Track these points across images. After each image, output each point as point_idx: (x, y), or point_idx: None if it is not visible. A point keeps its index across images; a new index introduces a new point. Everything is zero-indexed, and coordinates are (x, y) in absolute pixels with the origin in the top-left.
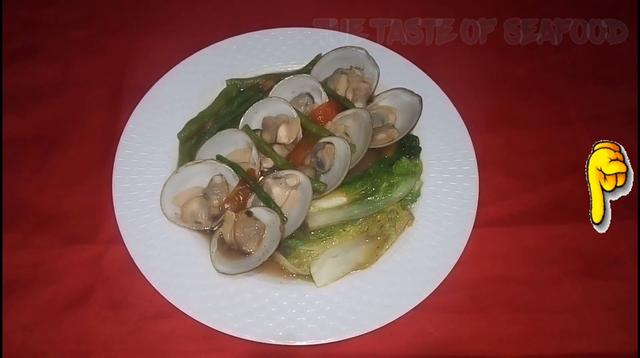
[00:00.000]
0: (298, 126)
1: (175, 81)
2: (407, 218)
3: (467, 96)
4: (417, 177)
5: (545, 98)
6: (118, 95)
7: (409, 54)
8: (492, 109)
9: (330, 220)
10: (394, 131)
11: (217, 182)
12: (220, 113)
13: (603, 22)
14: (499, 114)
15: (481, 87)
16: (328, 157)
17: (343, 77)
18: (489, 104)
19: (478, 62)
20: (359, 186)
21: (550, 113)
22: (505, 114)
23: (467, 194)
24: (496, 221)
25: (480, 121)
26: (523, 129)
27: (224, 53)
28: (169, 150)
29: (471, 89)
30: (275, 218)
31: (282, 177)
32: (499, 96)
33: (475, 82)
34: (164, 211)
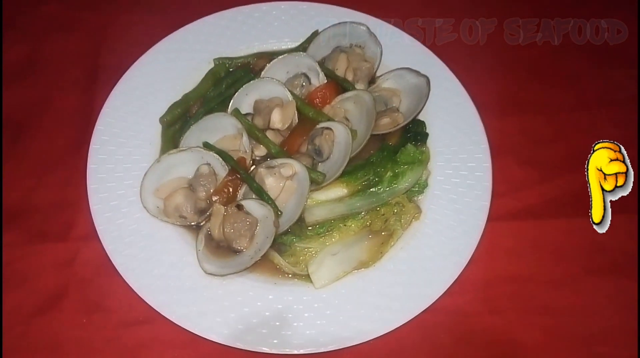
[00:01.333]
0: (293, 109)
1: (157, 60)
2: (414, 212)
3: (477, 77)
4: (424, 166)
5: (560, 80)
6: (94, 76)
7: (414, 32)
8: (504, 92)
9: (330, 214)
10: (398, 116)
11: (204, 172)
12: (207, 96)
13: (603, 22)
14: (512, 98)
15: (492, 68)
16: (327, 144)
17: (342, 56)
18: (501, 87)
19: (488, 41)
20: (360, 176)
21: (566, 97)
22: (518, 98)
23: (480, 184)
24: (511, 215)
25: (491, 105)
26: (538, 114)
27: (211, 29)
28: (150, 136)
29: (482, 70)
30: (268, 211)
31: (275, 166)
32: (511, 78)
33: (486, 63)
34: (145, 204)
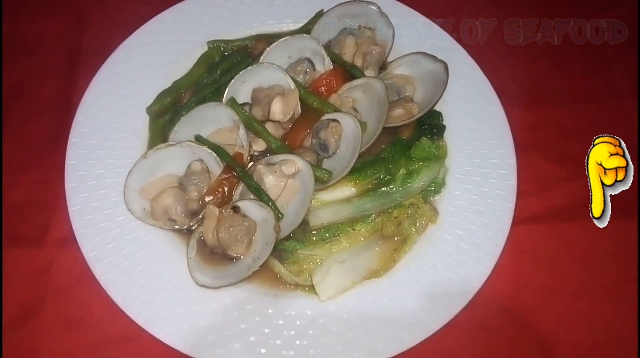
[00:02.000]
0: (296, 99)
1: (144, 42)
2: (430, 214)
3: (499, 63)
4: (441, 162)
5: (589, 67)
6: (74, 60)
7: (430, 11)
8: (528, 80)
9: (336, 217)
10: (413, 106)
11: (196, 169)
12: (200, 83)
13: (603, 22)
14: (536, 86)
15: (515, 53)
16: (333, 138)
17: (350, 38)
18: (525, 74)
19: (510, 24)
20: (370, 173)
21: (596, 85)
22: (544, 86)
23: (503, 184)
24: (538, 217)
25: (514, 94)
26: (565, 104)
27: (204, 8)
28: (137, 128)
29: (503, 55)
30: (268, 214)
31: (276, 163)
32: (535, 64)
33: (508, 48)
34: (129, 206)
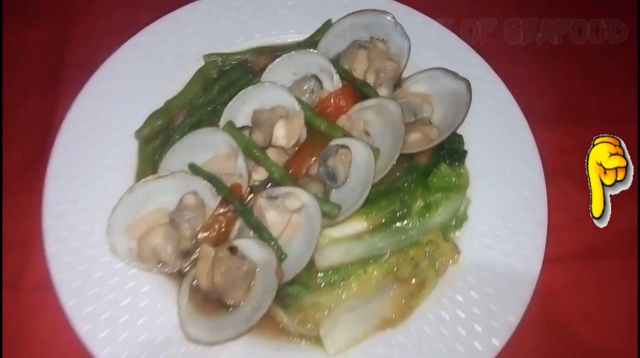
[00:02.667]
0: (301, 122)
1: (134, 56)
2: (451, 253)
3: (524, 78)
4: (463, 193)
5: (621, 83)
6: (58, 75)
7: (447, 21)
8: (557, 97)
9: (346, 257)
10: (431, 130)
11: (190, 203)
12: (195, 103)
13: (603, 22)
14: (564, 104)
15: (542, 67)
16: (342, 166)
17: (362, 53)
18: (554, 90)
19: (537, 32)
20: (383, 206)
21: (630, 103)
22: (572, 104)
23: (533, 218)
24: (571, 255)
25: (542, 113)
26: (597, 125)
27: (200, 18)
28: (124, 154)
29: (529, 69)
30: (269, 255)
31: (279, 197)
32: (565, 79)
33: (535, 60)
34: (114, 246)
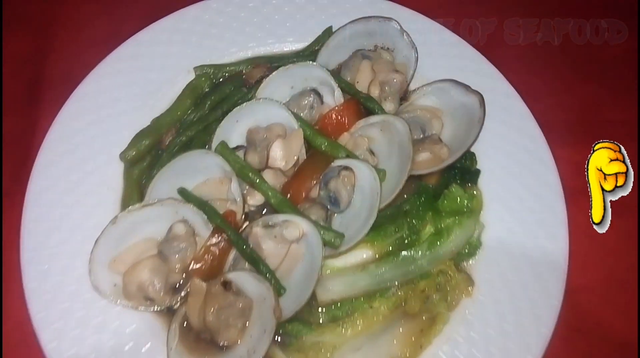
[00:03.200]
0: (300, 141)
1: (119, 69)
2: (464, 285)
3: (541, 90)
4: (476, 217)
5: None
6: (37, 90)
7: (457, 27)
8: (577, 110)
9: (350, 289)
10: (442, 149)
11: (179, 232)
12: (185, 120)
13: (603, 22)
14: (588, 118)
15: (560, 77)
16: (345, 189)
17: (365, 64)
18: (573, 102)
19: (553, 40)
20: (390, 232)
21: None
22: (593, 117)
23: (554, 245)
24: (594, 285)
25: (560, 128)
26: (624, 140)
27: (191, 26)
28: (109, 178)
29: (546, 81)
30: (267, 291)
31: (276, 225)
32: (585, 91)
33: (552, 70)
34: (97, 283)
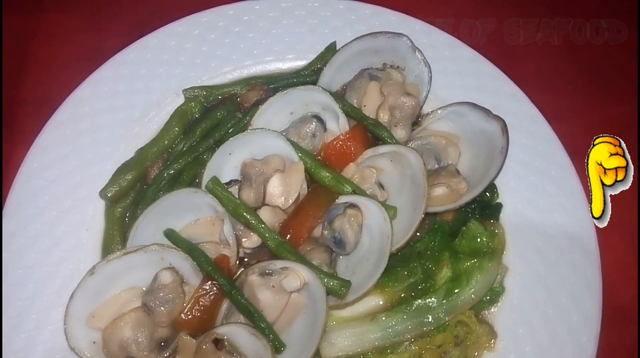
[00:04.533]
0: (301, 175)
1: (100, 92)
2: (487, 338)
3: (566, 109)
4: (499, 259)
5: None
6: (10, 116)
7: (474, 41)
8: (604, 131)
9: (358, 344)
10: (460, 183)
11: (166, 281)
12: (174, 151)
13: (603, 22)
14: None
15: (586, 96)
16: (352, 229)
17: (373, 86)
18: (599, 123)
19: (577, 54)
20: (402, 277)
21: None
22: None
23: (586, 291)
24: (629, 328)
25: (585, 150)
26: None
27: (179, 43)
28: (87, 218)
29: (570, 99)
30: (263, 349)
31: (274, 273)
32: (613, 111)
33: (577, 87)
34: (73, 342)
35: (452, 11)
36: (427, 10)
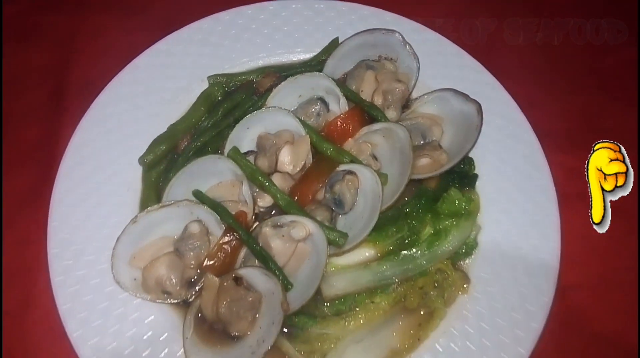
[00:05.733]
0: (307, 147)
1: (137, 78)
2: (460, 282)
3: (538, 98)
4: (473, 219)
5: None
6: (60, 98)
7: (458, 37)
8: (572, 117)
9: (353, 285)
10: (441, 155)
11: (194, 231)
12: (200, 126)
13: (603, 22)
14: (582, 124)
15: (557, 85)
16: (349, 192)
17: (369, 74)
18: (568, 110)
19: (551, 49)
20: (391, 233)
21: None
22: (591, 124)
23: (546, 245)
24: (586, 283)
25: (556, 134)
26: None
27: (205, 37)
28: (128, 181)
29: (543, 88)
30: (275, 286)
31: (284, 225)
32: (581, 98)
33: (549, 78)
34: (118, 277)
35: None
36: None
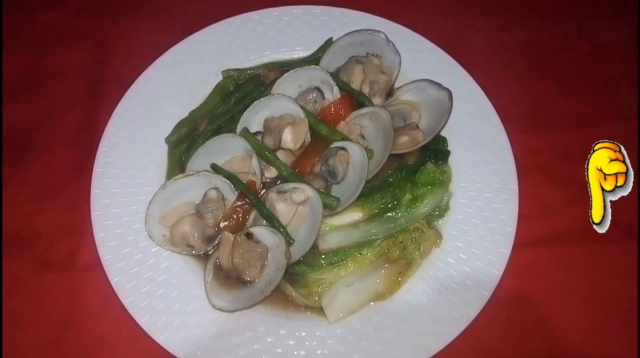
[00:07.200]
0: (306, 127)
1: (163, 73)
2: (434, 238)
3: (502, 88)
4: (446, 187)
5: (595, 90)
6: (97, 90)
7: (434, 37)
8: (531, 103)
9: (344, 241)
10: (418, 134)
11: (212, 197)
12: (215, 112)
13: (603, 22)
14: (540, 110)
15: (519, 77)
16: (341, 165)
17: (358, 67)
18: (528, 97)
19: (515, 46)
20: (377, 199)
21: (602, 108)
22: (548, 110)
23: (505, 208)
24: (539, 240)
25: (517, 118)
26: (570, 128)
27: (218, 38)
28: (157, 157)
29: (507, 79)
30: (279, 240)
31: (287, 191)
32: (539, 87)
33: (513, 71)
34: (150, 233)
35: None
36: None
